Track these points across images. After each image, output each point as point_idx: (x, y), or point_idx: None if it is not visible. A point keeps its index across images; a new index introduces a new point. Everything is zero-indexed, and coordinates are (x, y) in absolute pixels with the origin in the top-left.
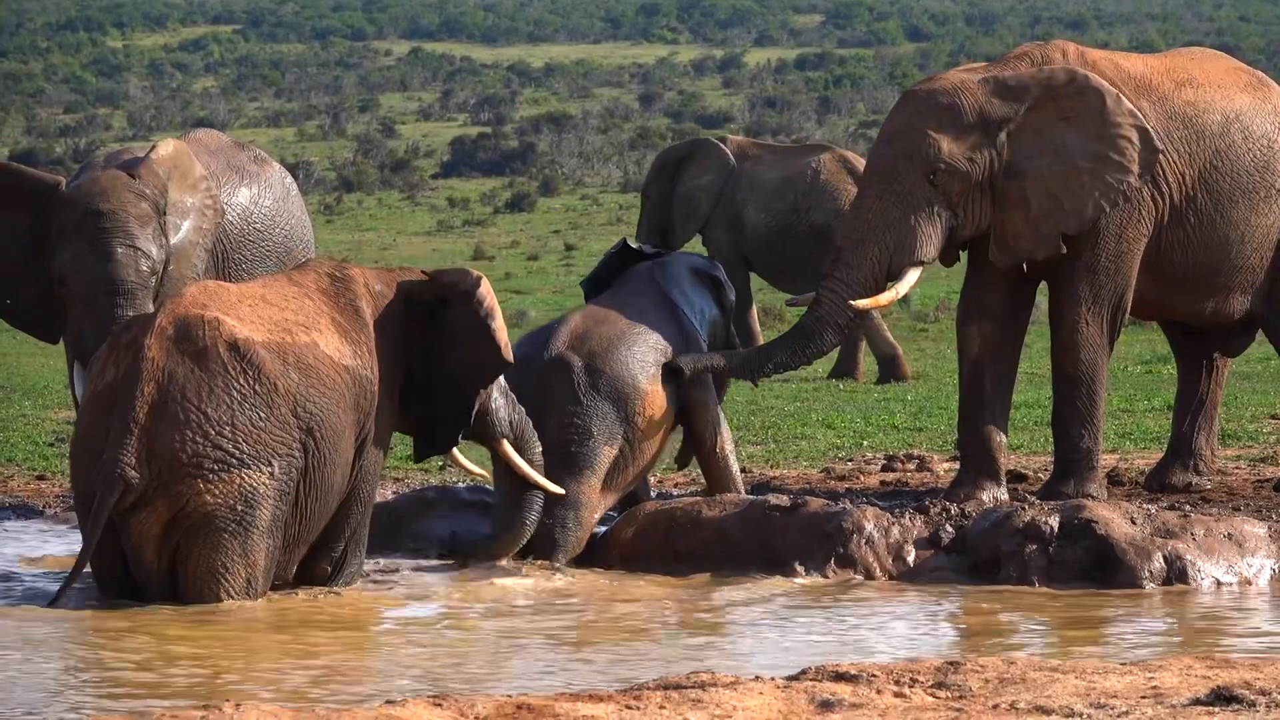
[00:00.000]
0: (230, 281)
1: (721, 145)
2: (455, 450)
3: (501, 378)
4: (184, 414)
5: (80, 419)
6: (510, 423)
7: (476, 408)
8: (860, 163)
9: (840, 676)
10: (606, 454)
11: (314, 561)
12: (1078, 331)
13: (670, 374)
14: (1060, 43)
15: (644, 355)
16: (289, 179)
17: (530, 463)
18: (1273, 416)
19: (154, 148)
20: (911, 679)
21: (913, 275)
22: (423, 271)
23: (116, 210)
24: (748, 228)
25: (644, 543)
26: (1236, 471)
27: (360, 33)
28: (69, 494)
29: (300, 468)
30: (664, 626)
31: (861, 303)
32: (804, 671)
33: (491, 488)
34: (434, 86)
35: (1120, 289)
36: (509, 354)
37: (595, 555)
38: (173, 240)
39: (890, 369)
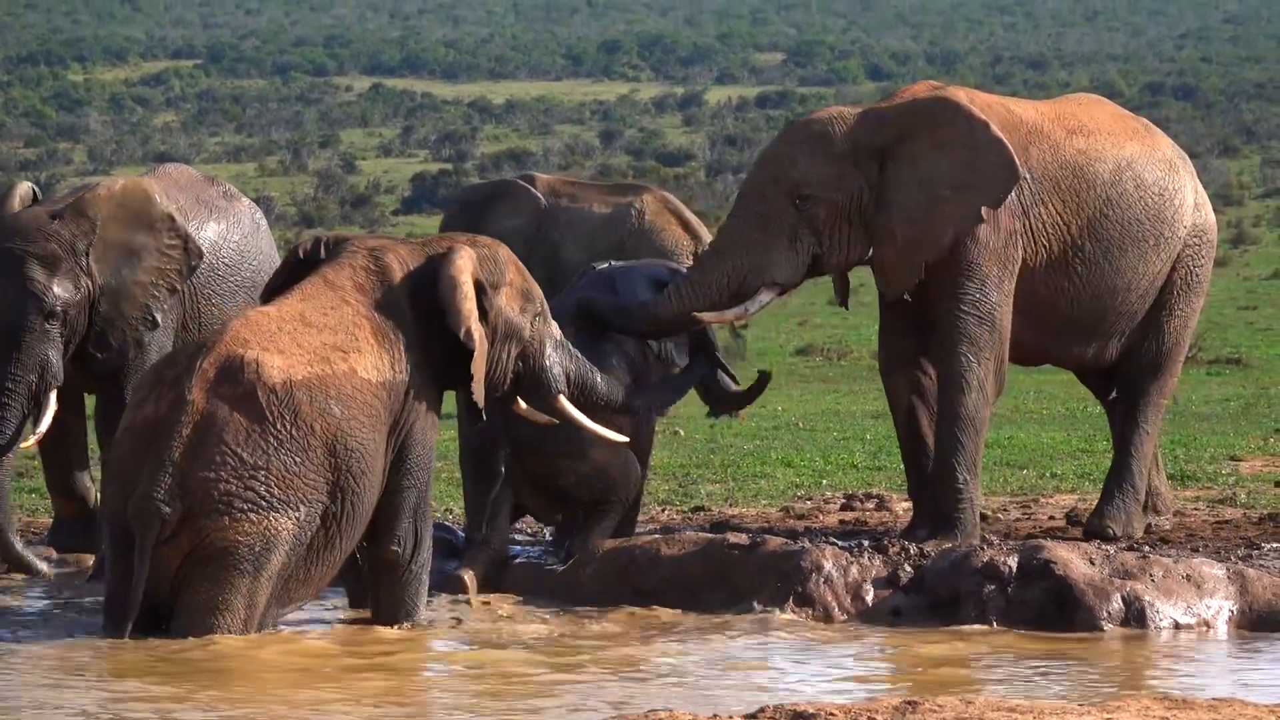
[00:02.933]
0: (199, 315)
1: (531, 188)
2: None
3: (557, 330)
4: (219, 456)
5: (117, 447)
6: (568, 376)
7: (483, 375)
8: (679, 204)
9: (798, 716)
10: None
11: (381, 549)
12: (968, 370)
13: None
14: (954, 87)
15: None
16: (258, 214)
17: (603, 398)
18: (1231, 458)
19: (97, 185)
20: (869, 718)
21: (765, 296)
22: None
23: (14, 249)
24: (565, 266)
25: (603, 580)
26: (1195, 513)
27: (321, 68)
28: (32, 528)
29: (328, 510)
30: (622, 664)
31: (707, 315)
32: (762, 710)
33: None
34: (395, 123)
35: (1003, 337)
36: (462, 326)
37: (555, 593)
38: (106, 280)
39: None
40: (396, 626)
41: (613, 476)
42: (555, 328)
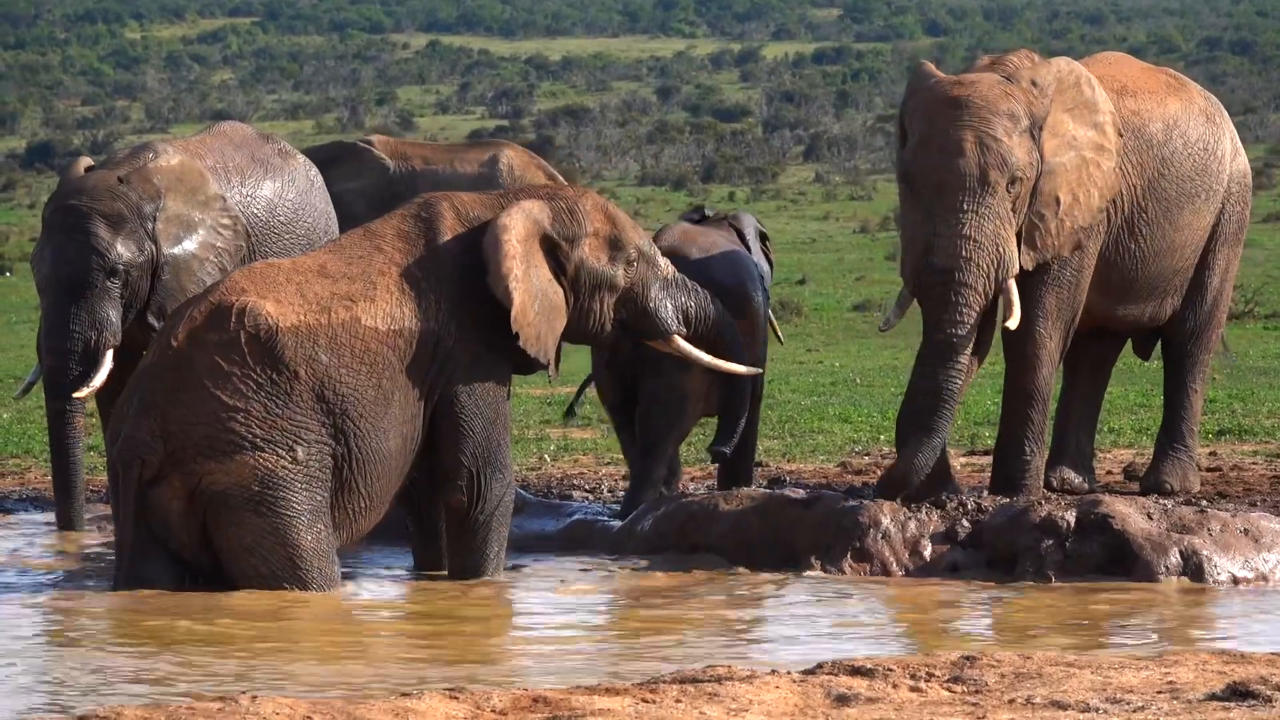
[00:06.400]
0: None
1: (372, 149)
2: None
3: (670, 267)
4: (199, 398)
5: (121, 397)
6: (686, 314)
7: (529, 329)
8: (539, 158)
9: (856, 670)
10: None
11: (439, 500)
12: (1042, 347)
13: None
14: (1020, 51)
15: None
16: (314, 171)
17: (731, 330)
18: None
19: (156, 156)
20: (928, 673)
21: (1014, 287)
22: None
23: (80, 205)
24: None
25: (661, 536)
26: (1253, 467)
27: (378, 25)
28: (90, 485)
29: (334, 451)
30: (680, 620)
31: (1011, 323)
32: (820, 665)
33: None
34: (452, 79)
35: (1078, 306)
36: (501, 288)
37: (613, 548)
38: (169, 250)
39: None
40: (466, 581)
41: (680, 408)
42: (664, 267)
